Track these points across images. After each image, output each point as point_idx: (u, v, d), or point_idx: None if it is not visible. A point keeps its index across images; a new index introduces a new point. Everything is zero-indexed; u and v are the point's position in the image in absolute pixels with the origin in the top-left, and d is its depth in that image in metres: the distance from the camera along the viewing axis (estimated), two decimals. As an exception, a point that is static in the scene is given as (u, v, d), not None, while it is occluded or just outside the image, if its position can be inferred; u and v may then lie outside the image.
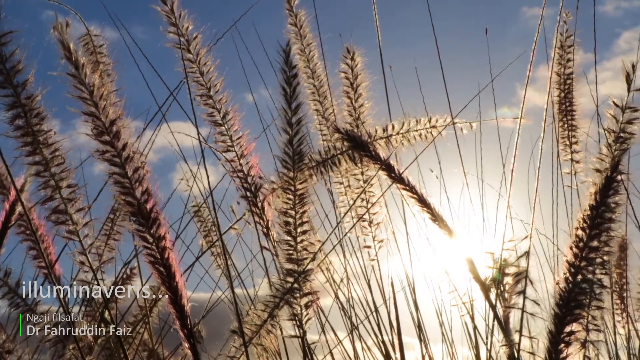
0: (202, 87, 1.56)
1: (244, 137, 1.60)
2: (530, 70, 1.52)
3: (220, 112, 1.58)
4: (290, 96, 1.42)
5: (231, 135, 1.59)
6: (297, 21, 1.88)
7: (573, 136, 2.25)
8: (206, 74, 1.56)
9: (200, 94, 1.56)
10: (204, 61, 1.55)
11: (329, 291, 1.93)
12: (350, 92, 1.79)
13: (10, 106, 1.12)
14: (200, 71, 1.55)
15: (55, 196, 1.16)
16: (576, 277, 1.13)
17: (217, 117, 1.58)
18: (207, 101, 1.57)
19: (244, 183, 1.61)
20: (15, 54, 1.09)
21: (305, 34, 1.87)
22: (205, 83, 1.56)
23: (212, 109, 1.57)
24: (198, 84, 1.56)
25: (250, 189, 1.61)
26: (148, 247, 1.11)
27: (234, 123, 1.59)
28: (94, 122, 1.04)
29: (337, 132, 1.56)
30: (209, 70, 1.56)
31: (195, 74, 1.55)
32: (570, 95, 2.25)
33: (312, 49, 1.87)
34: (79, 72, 1.00)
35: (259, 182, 1.61)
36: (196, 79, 1.55)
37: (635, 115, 1.19)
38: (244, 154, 1.60)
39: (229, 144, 1.59)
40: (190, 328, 1.17)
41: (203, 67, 1.55)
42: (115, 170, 1.07)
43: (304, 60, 1.87)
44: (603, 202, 1.12)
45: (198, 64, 1.55)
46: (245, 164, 1.61)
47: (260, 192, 1.61)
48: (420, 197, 1.52)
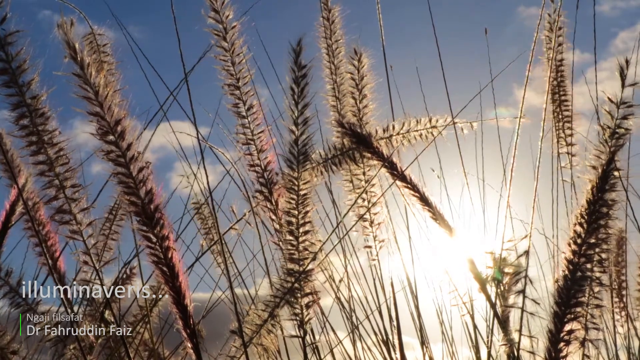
0: (232, 77, 1.57)
1: (265, 132, 1.61)
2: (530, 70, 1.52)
3: (245, 104, 1.58)
4: (298, 96, 1.42)
5: (253, 129, 1.60)
6: (330, 16, 1.87)
7: (568, 128, 2.23)
8: (237, 65, 1.56)
9: (229, 84, 1.57)
10: (238, 51, 1.56)
11: (329, 291, 1.93)
12: (355, 92, 1.80)
13: (16, 105, 1.13)
14: (233, 61, 1.56)
15: (59, 196, 1.16)
16: (575, 274, 1.14)
17: (242, 109, 1.59)
18: (234, 92, 1.58)
19: (259, 178, 1.62)
20: (21, 54, 1.10)
21: (335, 30, 1.87)
22: (236, 73, 1.56)
23: (239, 100, 1.58)
24: (228, 74, 1.56)
25: (266, 184, 1.62)
26: (151, 247, 1.11)
27: (257, 117, 1.59)
28: (99, 122, 1.04)
29: (341, 127, 1.56)
30: (240, 62, 1.57)
31: (227, 63, 1.56)
32: (563, 83, 2.23)
33: (340, 46, 1.86)
34: (84, 71, 1.00)
35: (275, 178, 1.62)
36: (227, 68, 1.56)
37: (630, 111, 1.20)
38: (263, 148, 1.61)
39: (250, 137, 1.60)
40: (193, 328, 1.17)
41: (235, 57, 1.56)
42: (120, 170, 1.08)
43: (329, 55, 1.87)
44: (600, 197, 1.12)
45: (232, 54, 1.55)
46: (263, 159, 1.61)
47: (275, 187, 1.62)
48: (422, 195, 1.52)
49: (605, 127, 1.20)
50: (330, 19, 1.87)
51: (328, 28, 1.86)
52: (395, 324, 1.75)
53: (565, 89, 2.22)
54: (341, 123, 1.58)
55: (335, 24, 1.86)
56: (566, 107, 2.23)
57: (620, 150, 1.20)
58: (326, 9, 1.86)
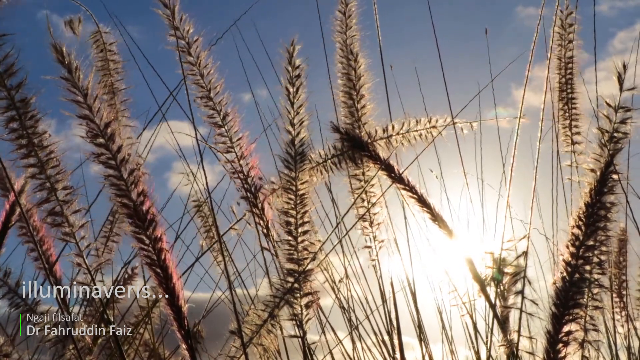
0: (203, 89, 1.56)
1: (244, 139, 1.60)
2: (529, 70, 1.52)
3: (220, 114, 1.58)
4: (293, 96, 1.42)
5: (231, 137, 1.59)
6: (347, 10, 1.86)
7: (575, 126, 2.21)
8: (206, 76, 1.56)
9: (201, 96, 1.56)
10: (204, 64, 1.55)
11: (328, 291, 1.93)
12: (353, 93, 1.79)
13: (5, 109, 1.12)
14: (201, 73, 1.55)
15: (51, 198, 1.16)
16: (573, 276, 1.13)
17: (217, 119, 1.58)
18: (208, 103, 1.57)
19: (244, 184, 1.61)
20: (9, 56, 1.10)
21: (351, 25, 1.85)
22: (206, 85, 1.56)
23: (212, 110, 1.57)
24: (199, 86, 1.56)
25: (250, 189, 1.61)
26: (145, 249, 1.11)
27: (234, 124, 1.59)
28: (88, 125, 1.04)
29: (336, 131, 1.56)
30: (209, 73, 1.56)
31: (196, 77, 1.55)
32: (572, 81, 2.21)
33: (355, 41, 1.85)
34: (72, 75, 1.00)
35: (258, 183, 1.62)
36: (196, 81, 1.56)
37: (629, 115, 1.19)
38: (244, 155, 1.60)
39: (229, 145, 1.59)
40: (187, 329, 1.17)
41: (203, 69, 1.55)
42: (111, 172, 1.07)
43: (342, 50, 1.85)
44: (598, 200, 1.12)
45: (198, 67, 1.55)
46: (245, 165, 1.61)
47: (260, 192, 1.61)
48: (420, 197, 1.52)
49: (603, 131, 1.20)
50: (347, 12, 1.85)
51: (344, 22, 1.84)
52: (395, 324, 1.75)
53: (573, 86, 2.20)
54: (336, 127, 1.57)
55: (352, 17, 1.84)
56: (574, 105, 2.21)
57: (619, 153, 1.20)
58: (343, 3, 1.84)
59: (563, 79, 2.20)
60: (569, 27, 2.18)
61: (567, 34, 2.18)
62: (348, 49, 1.82)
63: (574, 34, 2.19)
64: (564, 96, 2.20)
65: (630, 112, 1.18)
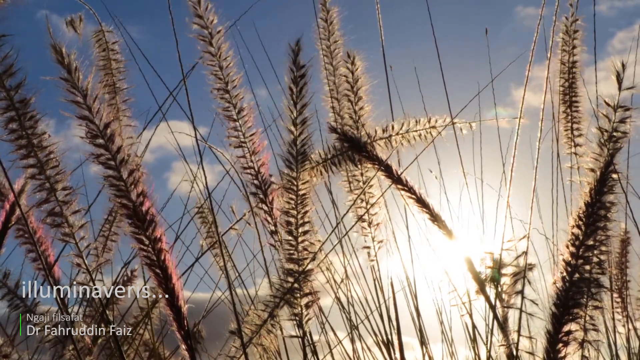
0: (220, 81, 1.56)
1: (257, 134, 1.60)
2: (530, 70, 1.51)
3: (235, 108, 1.58)
4: (296, 96, 1.42)
5: (244, 132, 1.59)
6: (329, 17, 1.87)
7: (577, 129, 2.22)
8: (225, 69, 1.56)
9: (218, 88, 1.57)
10: (225, 55, 1.55)
11: (328, 291, 1.93)
12: (350, 95, 1.80)
13: (4, 109, 1.12)
14: (220, 65, 1.55)
15: (50, 199, 1.16)
16: (573, 276, 1.13)
17: (232, 112, 1.58)
18: (224, 95, 1.57)
19: (254, 180, 1.62)
20: (9, 57, 1.10)
21: (333, 31, 1.87)
22: (224, 77, 1.56)
23: (228, 103, 1.58)
24: (217, 78, 1.56)
25: (261, 186, 1.61)
26: (144, 250, 1.11)
27: (248, 120, 1.59)
28: (88, 125, 1.04)
29: (334, 132, 1.56)
30: (228, 65, 1.56)
31: (215, 68, 1.56)
32: (575, 85, 2.22)
33: (338, 47, 1.86)
34: (71, 75, 1.00)
35: (268, 180, 1.62)
36: (215, 72, 1.56)
37: (628, 114, 1.19)
38: (255, 150, 1.61)
39: (242, 140, 1.60)
40: (187, 330, 1.17)
41: (223, 61, 1.56)
42: (110, 173, 1.07)
43: (327, 57, 1.86)
44: (598, 200, 1.12)
45: (219, 58, 1.55)
46: (256, 161, 1.61)
47: (270, 189, 1.62)
48: (419, 197, 1.52)
49: (602, 131, 1.20)
50: (329, 19, 1.87)
51: (326, 29, 1.86)
52: (395, 324, 1.75)
53: (576, 90, 2.22)
54: (333, 128, 1.57)
55: (334, 25, 1.86)
56: (576, 109, 2.22)
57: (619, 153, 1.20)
58: (325, 10, 1.86)
59: (566, 82, 2.21)
60: (574, 33, 2.19)
61: (572, 40, 2.19)
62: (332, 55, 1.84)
63: (579, 40, 2.20)
64: (567, 99, 2.22)
65: (629, 111, 1.19)
